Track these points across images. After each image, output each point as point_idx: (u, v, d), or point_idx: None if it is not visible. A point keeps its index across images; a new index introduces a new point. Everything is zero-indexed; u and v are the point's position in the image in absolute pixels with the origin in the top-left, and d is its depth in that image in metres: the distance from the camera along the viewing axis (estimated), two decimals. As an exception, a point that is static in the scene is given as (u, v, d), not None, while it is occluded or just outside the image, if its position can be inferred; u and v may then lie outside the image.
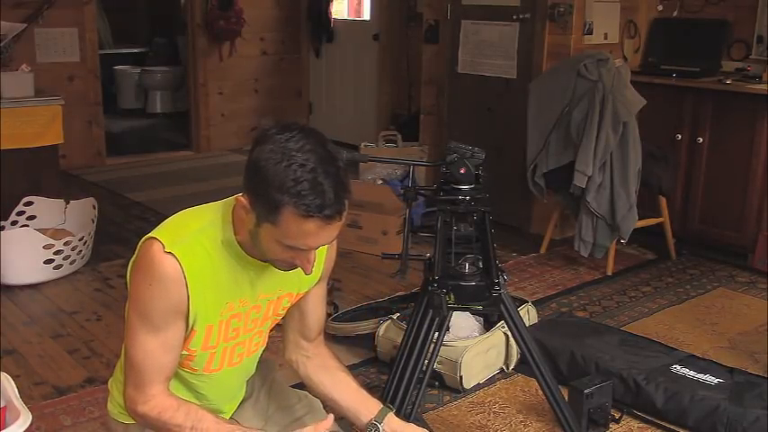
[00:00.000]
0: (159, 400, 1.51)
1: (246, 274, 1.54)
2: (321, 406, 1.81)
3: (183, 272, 1.44)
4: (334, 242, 1.60)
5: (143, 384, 1.51)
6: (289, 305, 1.68)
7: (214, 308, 1.52)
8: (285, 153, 1.33)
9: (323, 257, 1.66)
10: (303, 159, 1.33)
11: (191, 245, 1.46)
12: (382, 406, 1.68)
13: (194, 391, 1.66)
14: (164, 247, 1.44)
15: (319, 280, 1.70)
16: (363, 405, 1.68)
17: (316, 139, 1.38)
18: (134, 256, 1.51)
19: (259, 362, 1.81)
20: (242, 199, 1.43)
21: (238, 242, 1.50)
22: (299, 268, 1.49)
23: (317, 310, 1.76)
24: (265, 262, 1.52)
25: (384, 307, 3.34)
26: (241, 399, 1.81)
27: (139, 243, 1.50)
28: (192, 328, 1.51)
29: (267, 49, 6.93)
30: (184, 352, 1.56)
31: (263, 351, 1.76)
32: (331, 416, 1.52)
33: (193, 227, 1.50)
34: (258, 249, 1.48)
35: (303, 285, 1.67)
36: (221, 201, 1.55)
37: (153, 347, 1.49)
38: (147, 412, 1.51)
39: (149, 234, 1.48)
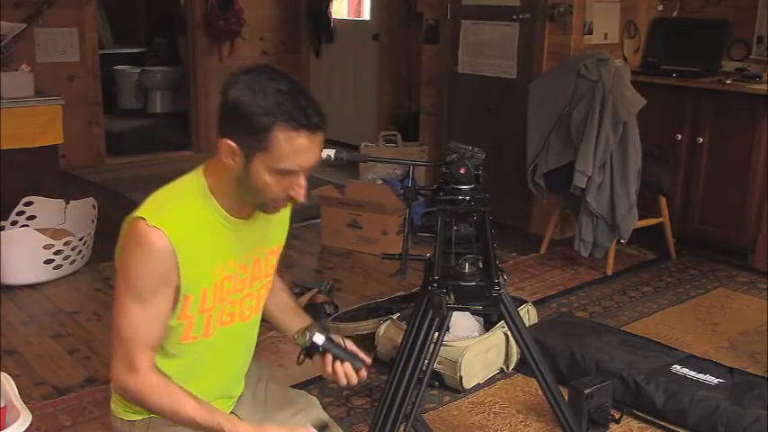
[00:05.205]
0: (145, 377, 1.55)
1: (230, 235, 1.61)
2: (318, 403, 1.84)
3: (170, 243, 1.50)
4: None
5: (130, 357, 1.55)
6: (275, 262, 1.77)
7: (206, 271, 1.58)
8: (259, 86, 1.47)
9: (288, 219, 1.78)
10: (277, 86, 1.47)
11: (174, 215, 1.54)
12: (312, 321, 1.79)
13: (191, 375, 1.66)
14: (147, 222, 1.50)
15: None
16: (297, 319, 1.83)
17: (275, 71, 1.53)
18: (120, 238, 1.57)
19: (257, 361, 1.83)
20: (226, 143, 1.50)
21: (219, 203, 1.58)
22: (275, 224, 1.68)
23: None
24: (259, 209, 1.60)
25: (384, 307, 3.33)
26: (238, 394, 1.82)
27: (123, 224, 1.56)
28: (185, 295, 1.56)
29: (267, 49, 6.92)
30: (183, 321, 1.59)
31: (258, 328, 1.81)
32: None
33: (173, 199, 1.59)
34: (251, 192, 1.54)
35: (279, 239, 1.78)
36: (190, 172, 1.64)
37: (140, 319, 1.54)
38: (134, 387, 1.55)
39: (132, 214, 1.54)
